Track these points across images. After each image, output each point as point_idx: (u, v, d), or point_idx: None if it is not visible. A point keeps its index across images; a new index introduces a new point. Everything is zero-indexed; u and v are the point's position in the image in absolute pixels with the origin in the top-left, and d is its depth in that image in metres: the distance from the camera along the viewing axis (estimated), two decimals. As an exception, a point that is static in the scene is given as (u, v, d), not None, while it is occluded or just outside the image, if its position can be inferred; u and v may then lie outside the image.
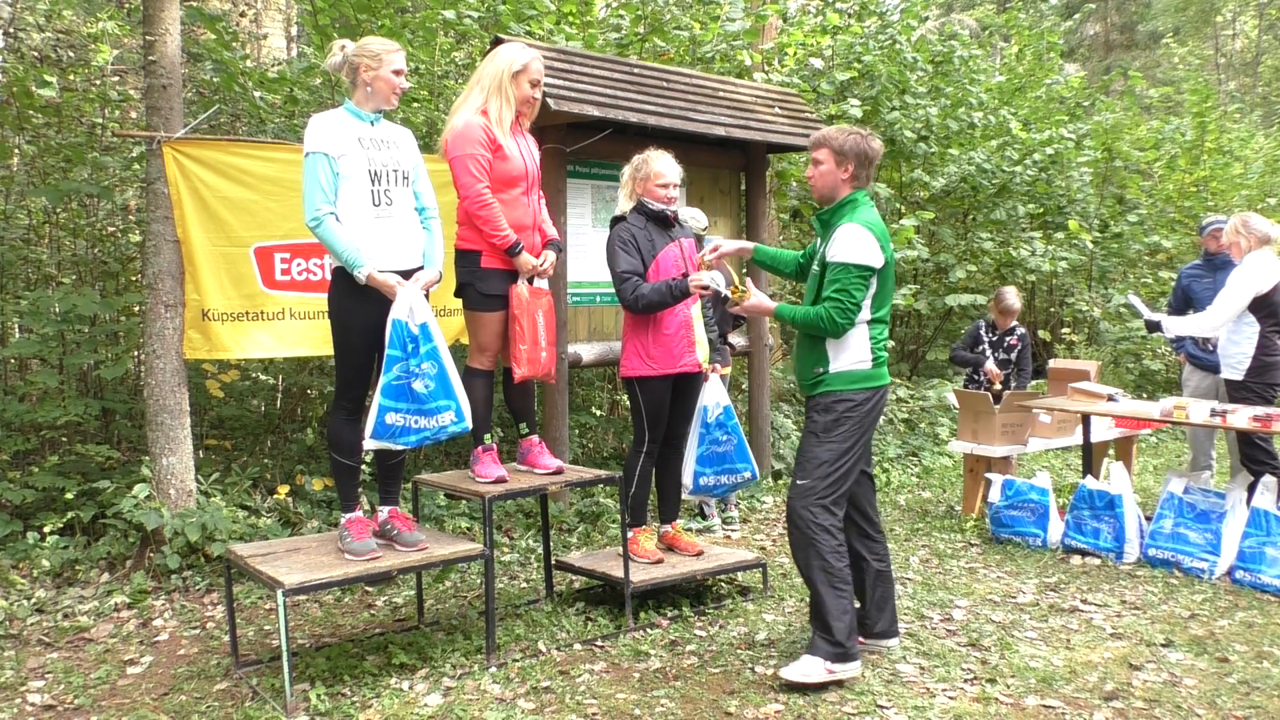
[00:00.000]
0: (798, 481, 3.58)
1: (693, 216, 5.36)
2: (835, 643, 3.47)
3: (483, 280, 3.87)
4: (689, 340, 4.35)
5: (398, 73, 3.59)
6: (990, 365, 6.58)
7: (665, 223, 4.33)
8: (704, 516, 5.87)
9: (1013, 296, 6.59)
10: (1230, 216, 5.53)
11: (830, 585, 3.49)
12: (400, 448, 3.57)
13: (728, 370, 5.72)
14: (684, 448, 4.49)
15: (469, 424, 3.66)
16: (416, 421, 3.52)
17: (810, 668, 3.47)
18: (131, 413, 5.97)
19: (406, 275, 3.58)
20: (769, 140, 6.41)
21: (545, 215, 4.10)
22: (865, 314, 3.56)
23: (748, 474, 4.58)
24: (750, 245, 4.05)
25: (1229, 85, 24.71)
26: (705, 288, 4.10)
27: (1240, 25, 27.33)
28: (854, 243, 3.45)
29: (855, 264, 3.44)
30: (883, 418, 8.35)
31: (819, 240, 3.73)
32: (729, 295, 3.87)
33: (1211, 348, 5.74)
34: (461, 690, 3.51)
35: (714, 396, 4.49)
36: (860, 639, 3.81)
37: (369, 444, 3.51)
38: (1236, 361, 5.25)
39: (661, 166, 4.30)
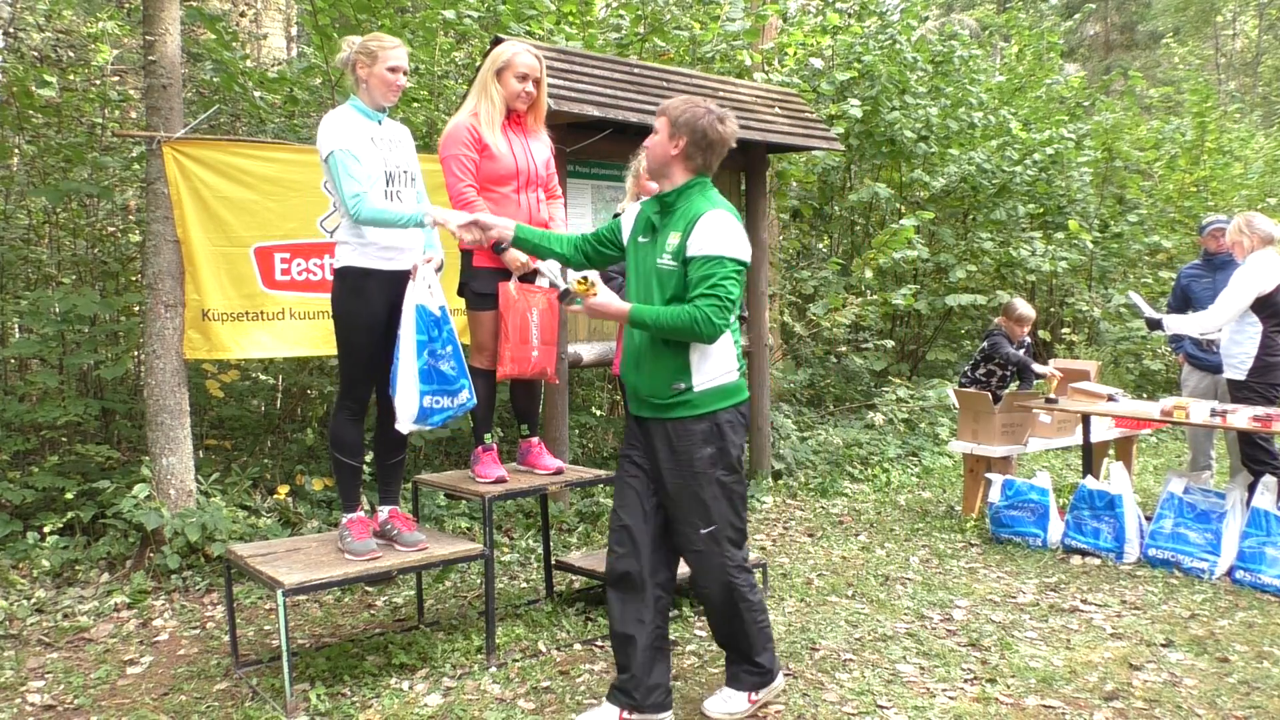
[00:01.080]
0: (701, 531, 3.10)
1: None
2: (762, 671, 3.29)
3: (475, 279, 3.88)
4: None
5: (394, 70, 3.55)
6: (1043, 367, 6.34)
7: None
8: None
9: (1025, 305, 6.49)
10: (1230, 216, 5.53)
11: (754, 622, 3.22)
12: (429, 429, 3.64)
13: None
14: None
15: (475, 400, 3.75)
16: (440, 402, 3.59)
17: (734, 703, 3.28)
18: (131, 413, 5.97)
19: (410, 272, 3.58)
20: (769, 140, 6.41)
21: (552, 214, 4.07)
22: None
23: None
24: (509, 226, 3.37)
25: (1229, 85, 24.71)
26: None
27: (1240, 25, 27.34)
28: (727, 233, 2.96)
29: (731, 257, 2.96)
30: (881, 417, 8.35)
31: (637, 224, 3.19)
32: (568, 290, 3.13)
33: (1216, 349, 5.74)
34: (461, 690, 3.51)
35: None
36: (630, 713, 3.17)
37: (406, 428, 3.54)
38: (1239, 361, 5.25)
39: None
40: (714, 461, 3.06)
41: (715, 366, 3.05)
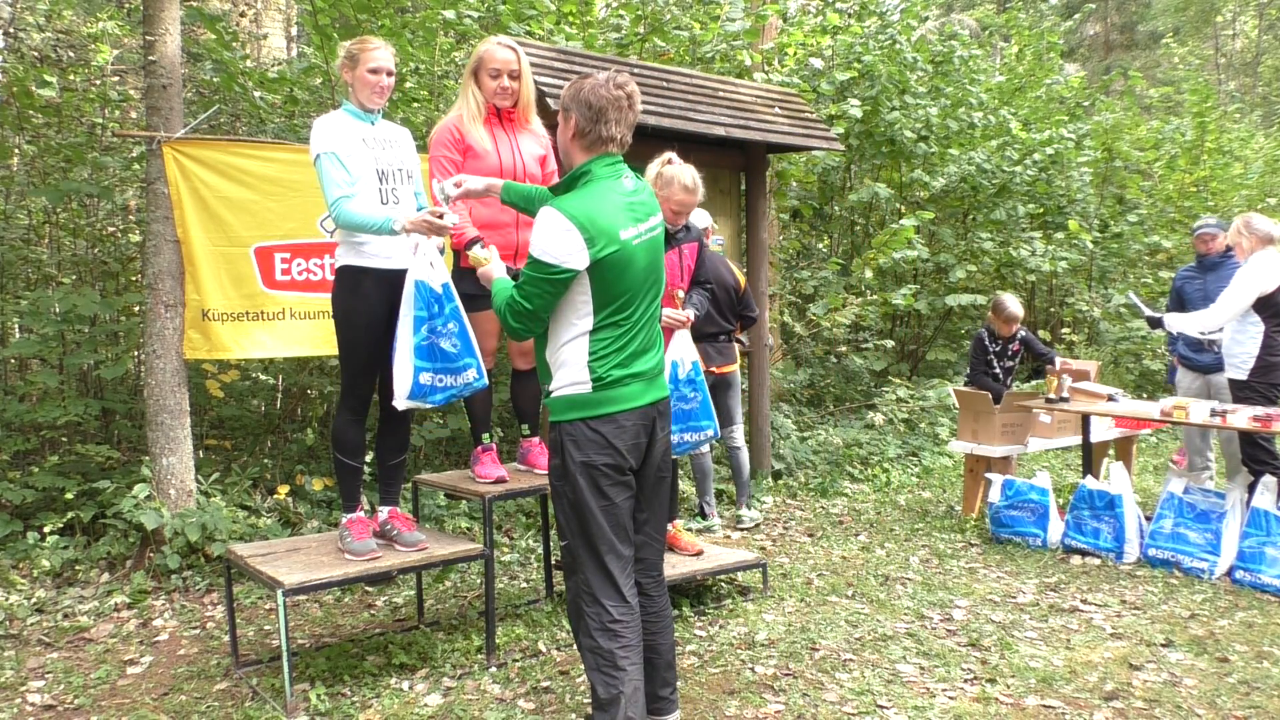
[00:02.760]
0: (561, 543, 2.97)
1: (698, 218, 5.27)
2: None
3: (464, 279, 3.86)
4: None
5: (374, 71, 3.56)
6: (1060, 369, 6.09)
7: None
8: (704, 516, 5.87)
9: (1014, 304, 6.32)
10: (1220, 218, 5.52)
11: (598, 669, 2.80)
12: (429, 407, 3.57)
13: (732, 368, 5.70)
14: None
15: (486, 381, 3.67)
16: (442, 380, 3.53)
17: None
18: (131, 413, 5.97)
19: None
20: (769, 140, 6.41)
21: None
22: (585, 321, 2.78)
23: (710, 431, 4.32)
24: (499, 183, 3.32)
25: (1229, 85, 24.71)
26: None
27: (1240, 25, 27.34)
28: (543, 232, 2.68)
29: (542, 260, 2.68)
30: (881, 417, 8.33)
31: None
32: (476, 241, 3.33)
33: (1216, 349, 5.74)
34: (461, 690, 3.51)
35: (680, 352, 4.21)
36: None
37: (402, 404, 3.47)
38: (1241, 361, 5.25)
39: (681, 181, 4.08)
40: (559, 474, 2.87)
41: (565, 374, 2.82)
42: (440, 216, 3.39)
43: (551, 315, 2.83)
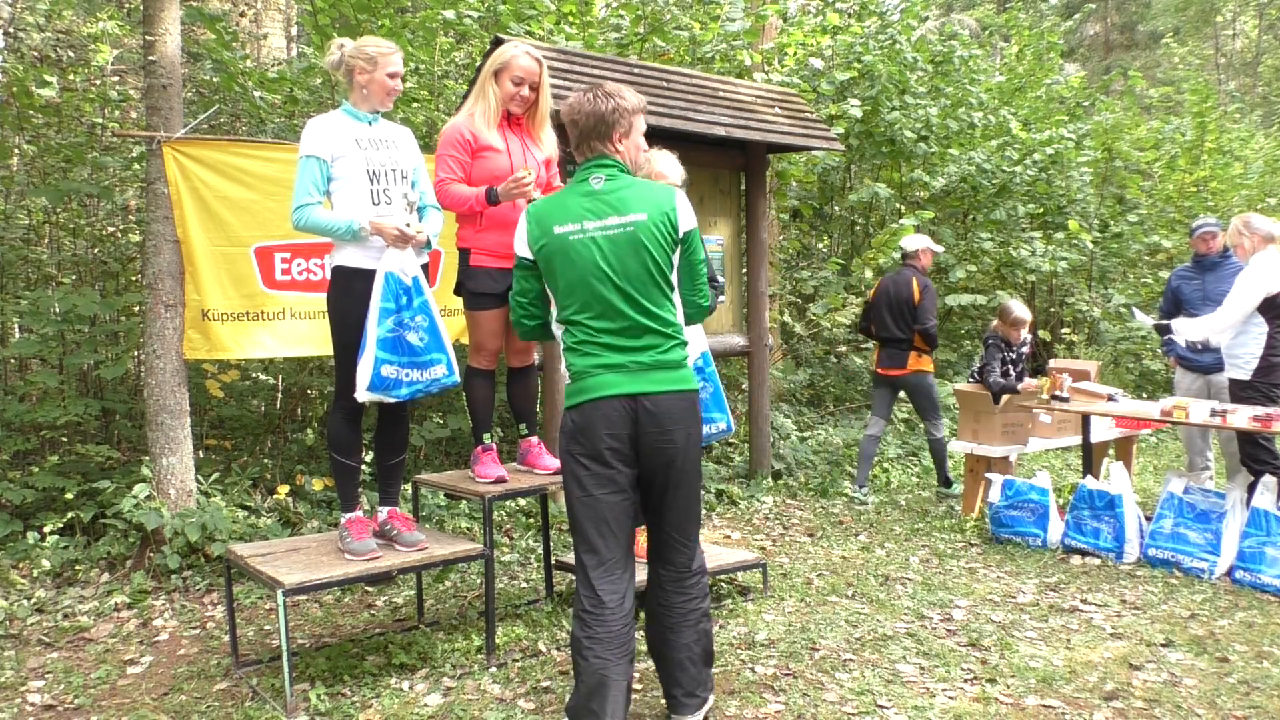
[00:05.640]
0: None
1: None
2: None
3: (472, 279, 3.87)
4: None
5: (393, 76, 3.59)
6: (1028, 382, 6.10)
7: None
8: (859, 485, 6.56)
9: (1020, 308, 6.23)
10: (1219, 219, 5.51)
11: (573, 653, 2.90)
12: (392, 400, 3.56)
13: (901, 372, 6.35)
14: None
15: (458, 378, 3.69)
16: (408, 374, 3.52)
17: None
18: (131, 413, 5.97)
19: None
20: (769, 140, 6.42)
21: None
22: (554, 312, 3.02)
23: (723, 424, 4.33)
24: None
25: (1229, 85, 24.70)
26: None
27: (1240, 25, 27.35)
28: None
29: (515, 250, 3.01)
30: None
31: None
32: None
33: (1200, 348, 5.74)
34: (461, 690, 3.51)
35: (690, 344, 4.27)
36: None
37: (363, 396, 3.46)
38: (1244, 361, 5.23)
39: (661, 167, 4.13)
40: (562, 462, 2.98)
41: (564, 363, 2.98)
42: (409, 226, 3.45)
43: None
